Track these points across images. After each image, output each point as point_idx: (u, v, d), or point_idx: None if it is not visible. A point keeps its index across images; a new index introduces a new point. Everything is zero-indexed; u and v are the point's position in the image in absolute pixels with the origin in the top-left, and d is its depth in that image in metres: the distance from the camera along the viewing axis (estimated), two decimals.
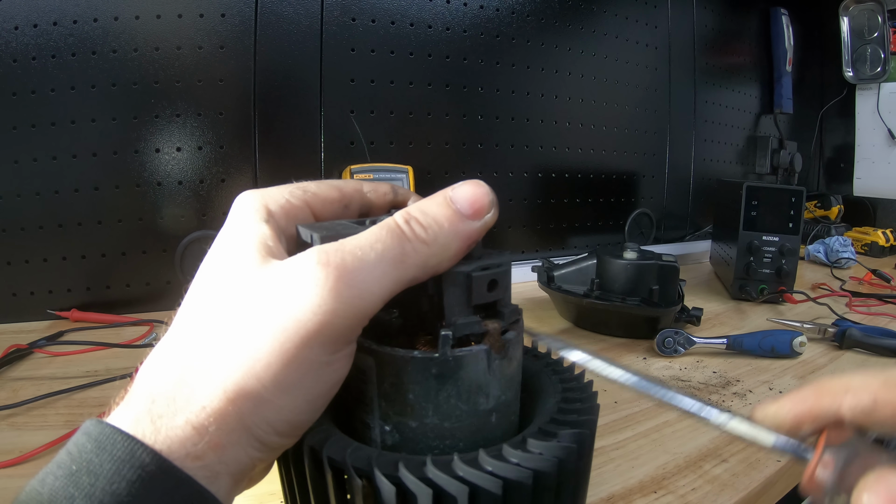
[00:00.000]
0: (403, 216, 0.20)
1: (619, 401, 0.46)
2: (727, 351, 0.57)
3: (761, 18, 1.34)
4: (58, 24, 0.61)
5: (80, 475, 0.16)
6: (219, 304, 0.19)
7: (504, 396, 0.22)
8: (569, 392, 0.24)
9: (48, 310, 0.63)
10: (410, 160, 0.76)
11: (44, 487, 0.16)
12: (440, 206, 0.20)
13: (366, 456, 0.19)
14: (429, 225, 0.20)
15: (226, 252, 0.20)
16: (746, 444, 0.20)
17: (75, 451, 0.17)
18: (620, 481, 0.35)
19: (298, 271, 0.18)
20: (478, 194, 0.20)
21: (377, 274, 0.18)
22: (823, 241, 1.09)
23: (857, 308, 0.77)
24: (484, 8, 0.87)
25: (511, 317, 0.22)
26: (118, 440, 0.16)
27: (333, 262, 0.18)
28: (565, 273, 0.71)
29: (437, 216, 0.20)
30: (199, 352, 0.18)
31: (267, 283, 0.19)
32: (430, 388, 0.21)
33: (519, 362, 0.23)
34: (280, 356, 0.17)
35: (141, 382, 0.19)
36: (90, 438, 0.17)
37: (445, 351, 0.20)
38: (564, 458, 0.20)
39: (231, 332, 0.18)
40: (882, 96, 1.35)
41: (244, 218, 0.21)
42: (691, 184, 1.21)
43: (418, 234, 0.19)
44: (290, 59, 0.73)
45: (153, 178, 0.67)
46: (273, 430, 0.18)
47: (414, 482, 0.18)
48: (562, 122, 0.98)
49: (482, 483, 0.18)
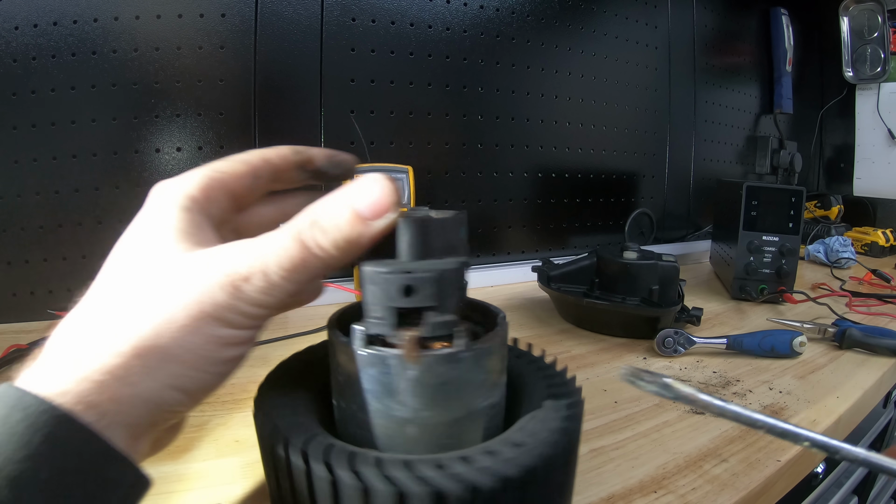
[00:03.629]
0: (307, 222, 0.21)
1: (619, 401, 0.46)
2: (727, 351, 0.57)
3: (761, 18, 1.34)
4: (58, 24, 0.61)
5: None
6: (134, 279, 0.21)
7: (427, 412, 0.21)
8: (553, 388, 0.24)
9: (48, 310, 0.63)
10: (410, 160, 0.76)
11: None
12: (341, 208, 0.21)
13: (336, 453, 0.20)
14: (328, 230, 0.21)
15: (144, 236, 0.22)
16: None
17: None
18: (620, 481, 0.35)
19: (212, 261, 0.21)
20: (379, 194, 0.21)
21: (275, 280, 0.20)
22: (823, 241, 1.09)
23: (857, 308, 0.77)
24: (484, 8, 0.87)
25: (440, 329, 0.22)
26: (11, 393, 0.18)
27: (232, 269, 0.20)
28: (565, 273, 0.71)
29: (339, 221, 0.21)
30: (112, 316, 0.20)
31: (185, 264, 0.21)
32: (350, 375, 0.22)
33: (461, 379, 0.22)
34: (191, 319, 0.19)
35: (48, 348, 0.20)
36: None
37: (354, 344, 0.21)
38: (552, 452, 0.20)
39: (149, 296, 0.20)
40: (882, 96, 1.35)
41: (163, 205, 0.23)
42: (691, 184, 1.21)
43: (319, 243, 0.21)
44: (290, 59, 0.73)
45: (153, 178, 0.67)
46: (178, 387, 0.20)
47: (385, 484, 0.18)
48: (562, 122, 0.98)
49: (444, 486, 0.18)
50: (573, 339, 0.62)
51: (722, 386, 0.50)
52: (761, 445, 0.40)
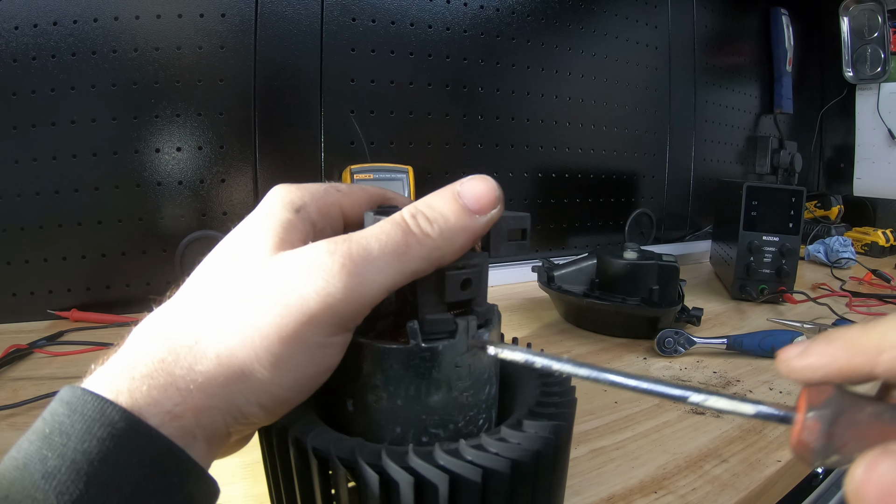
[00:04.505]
0: (411, 210, 0.20)
1: (619, 401, 0.46)
2: (727, 351, 0.57)
3: (761, 18, 1.34)
4: (58, 24, 0.61)
5: (53, 436, 0.16)
6: (224, 281, 0.20)
7: (475, 390, 0.23)
8: (547, 387, 0.25)
9: (48, 310, 0.63)
10: (410, 160, 0.76)
11: (19, 452, 0.16)
12: (447, 200, 0.21)
13: (349, 446, 0.19)
14: (434, 219, 0.20)
15: (243, 236, 0.21)
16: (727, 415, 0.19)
17: (48, 416, 0.17)
18: (620, 481, 0.35)
19: (308, 257, 0.19)
20: (485, 190, 0.21)
21: (380, 265, 0.19)
22: (823, 241, 1.09)
23: (857, 308, 0.77)
24: (484, 8, 0.87)
25: (485, 315, 0.23)
26: (88, 401, 0.17)
27: (340, 251, 0.19)
28: (565, 273, 0.71)
29: (444, 211, 0.20)
30: (197, 320, 0.19)
31: (277, 266, 0.19)
32: (401, 376, 0.21)
33: (493, 361, 0.23)
34: (278, 330, 0.18)
35: (128, 347, 0.19)
36: (62, 403, 0.17)
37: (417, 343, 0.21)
38: (542, 448, 0.20)
39: (233, 305, 0.19)
40: (882, 96, 1.35)
41: (270, 207, 0.22)
42: (691, 184, 1.21)
43: (423, 228, 0.20)
44: (290, 60, 0.73)
45: (153, 178, 0.67)
46: (257, 402, 0.19)
47: (396, 470, 0.18)
48: (562, 122, 0.98)
49: (462, 472, 0.18)
50: (573, 339, 0.62)
51: (722, 386, 0.50)
52: (762, 446, 0.40)
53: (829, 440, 0.14)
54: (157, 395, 0.17)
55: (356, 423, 0.22)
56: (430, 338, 0.21)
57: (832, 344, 0.15)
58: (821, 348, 0.15)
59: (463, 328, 0.22)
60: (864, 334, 0.15)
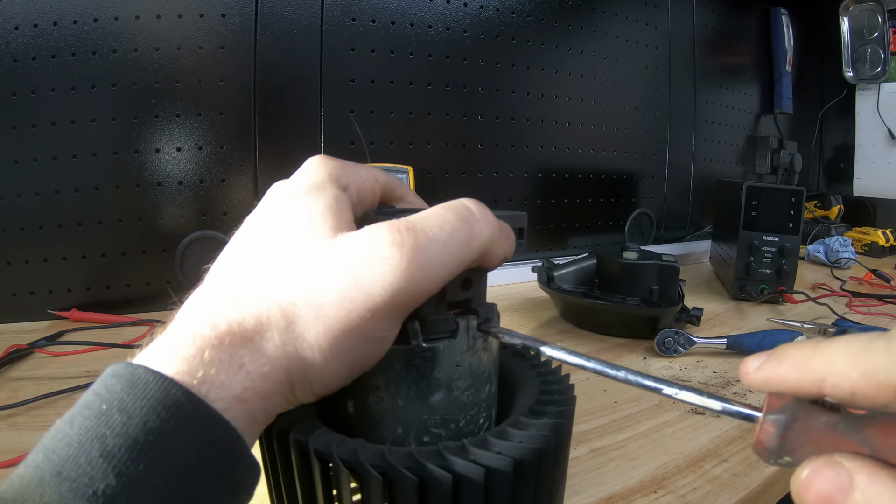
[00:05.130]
0: (468, 200, 0.20)
1: (619, 401, 0.46)
2: (727, 351, 0.57)
3: (761, 18, 1.34)
4: (58, 24, 0.61)
5: (112, 414, 0.15)
6: (284, 262, 0.19)
7: (475, 389, 0.23)
8: (546, 385, 0.25)
9: (48, 310, 0.63)
10: (410, 160, 0.76)
11: (72, 428, 0.16)
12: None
13: (351, 447, 0.19)
14: (487, 213, 0.21)
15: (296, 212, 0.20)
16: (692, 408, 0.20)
17: (104, 392, 0.16)
18: (620, 481, 0.35)
19: (373, 248, 0.18)
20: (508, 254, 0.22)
21: (446, 256, 0.19)
22: (823, 241, 1.09)
23: (857, 308, 0.77)
24: (484, 8, 0.87)
25: (485, 315, 0.23)
26: (151, 380, 0.16)
27: (408, 243, 0.18)
28: (565, 273, 0.71)
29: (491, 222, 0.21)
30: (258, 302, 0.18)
31: (341, 254, 0.19)
32: (402, 377, 0.21)
33: (493, 359, 0.23)
34: (343, 324, 0.18)
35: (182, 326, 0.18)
36: (120, 379, 0.16)
37: (418, 342, 0.21)
38: (544, 446, 0.20)
39: (296, 291, 0.18)
40: (882, 96, 1.35)
41: (318, 181, 0.21)
42: (691, 184, 1.21)
43: (486, 218, 0.20)
44: (290, 59, 0.73)
45: (153, 178, 0.67)
46: (311, 389, 0.19)
47: (399, 471, 0.18)
48: (562, 122, 0.98)
49: (465, 471, 0.18)
50: (573, 339, 0.62)
51: (722, 386, 0.50)
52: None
53: (782, 443, 0.15)
54: (226, 379, 0.17)
55: (357, 425, 0.22)
56: (431, 338, 0.21)
57: (782, 364, 0.16)
58: (772, 366, 0.16)
59: (463, 327, 0.22)
60: (811, 357, 0.15)
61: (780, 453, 0.16)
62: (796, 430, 0.15)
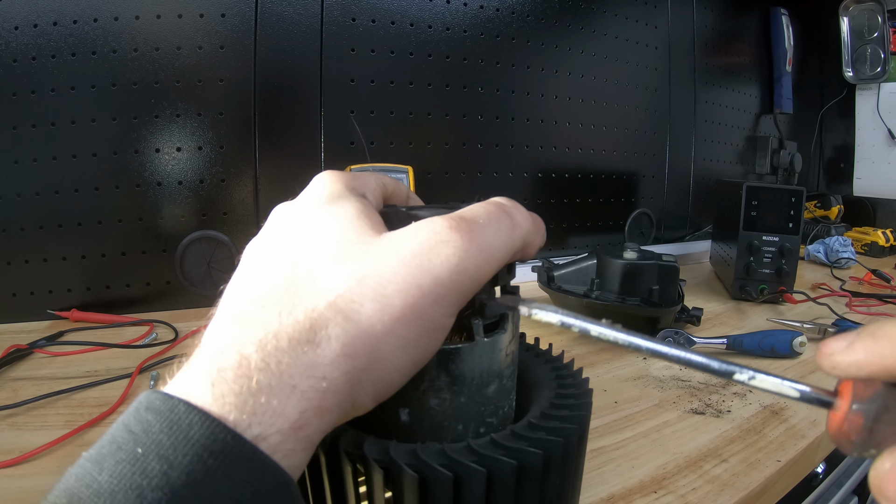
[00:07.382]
0: (501, 197, 0.21)
1: (620, 401, 0.46)
2: (727, 351, 0.57)
3: (761, 18, 1.34)
4: (58, 24, 0.61)
5: (149, 460, 0.14)
6: (334, 267, 0.18)
7: (513, 372, 0.23)
8: (562, 380, 0.25)
9: (48, 310, 0.63)
10: (410, 160, 0.76)
11: (101, 473, 0.14)
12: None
13: (383, 447, 0.19)
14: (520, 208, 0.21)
15: (332, 223, 0.19)
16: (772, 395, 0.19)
17: (139, 430, 0.14)
18: (620, 481, 0.35)
19: (434, 232, 0.18)
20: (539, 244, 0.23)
21: (498, 242, 0.19)
22: (823, 241, 1.09)
23: (857, 308, 0.77)
24: (484, 8, 0.87)
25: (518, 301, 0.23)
26: (195, 420, 0.14)
27: (465, 229, 0.18)
28: (565, 273, 0.71)
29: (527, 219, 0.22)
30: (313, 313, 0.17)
31: (395, 247, 0.18)
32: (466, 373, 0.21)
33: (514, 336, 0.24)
34: (412, 311, 0.17)
35: (216, 347, 0.16)
36: (156, 414, 0.14)
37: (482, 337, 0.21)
38: (569, 437, 0.21)
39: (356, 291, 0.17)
40: (882, 96, 1.35)
41: (338, 193, 0.21)
42: (691, 184, 1.21)
43: (522, 211, 0.21)
44: (290, 60, 0.73)
45: (153, 178, 0.67)
46: (373, 391, 0.18)
47: (433, 468, 0.18)
48: (562, 122, 0.98)
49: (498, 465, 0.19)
50: (573, 339, 0.62)
51: (722, 386, 0.50)
52: (761, 446, 0.40)
53: (870, 435, 0.14)
54: (278, 405, 0.15)
55: (412, 431, 0.21)
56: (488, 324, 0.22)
57: (879, 341, 0.14)
58: (867, 344, 0.14)
59: (509, 314, 0.22)
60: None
61: (865, 446, 0.14)
62: (885, 420, 0.14)
